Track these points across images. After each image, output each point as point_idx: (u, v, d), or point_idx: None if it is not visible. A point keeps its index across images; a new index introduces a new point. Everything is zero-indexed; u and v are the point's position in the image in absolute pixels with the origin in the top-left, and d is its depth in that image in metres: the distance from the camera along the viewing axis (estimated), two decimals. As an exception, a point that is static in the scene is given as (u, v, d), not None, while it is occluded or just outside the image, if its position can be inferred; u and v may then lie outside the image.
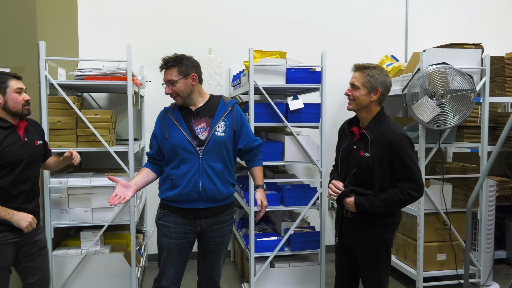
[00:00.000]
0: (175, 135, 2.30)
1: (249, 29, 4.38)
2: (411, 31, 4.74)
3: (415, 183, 2.18)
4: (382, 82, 2.24)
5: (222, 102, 2.41)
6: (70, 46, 3.85)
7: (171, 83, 2.30)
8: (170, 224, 2.34)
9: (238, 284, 3.76)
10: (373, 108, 2.28)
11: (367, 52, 4.58)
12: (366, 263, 2.33)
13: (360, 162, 2.25)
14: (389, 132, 2.20)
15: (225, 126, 2.34)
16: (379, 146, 2.19)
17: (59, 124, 3.00)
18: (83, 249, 3.12)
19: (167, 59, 2.32)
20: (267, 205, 2.47)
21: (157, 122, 2.42)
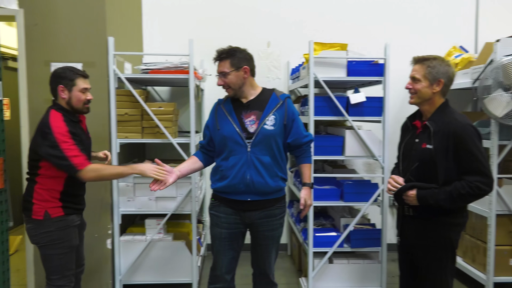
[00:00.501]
0: (226, 127, 2.34)
1: (308, 21, 4.31)
2: (482, 20, 4.44)
3: (484, 176, 2.05)
4: (444, 72, 2.15)
5: (274, 96, 2.40)
6: (135, 41, 4.01)
7: (223, 75, 2.33)
8: (221, 214, 2.39)
9: (295, 278, 3.75)
10: (436, 100, 2.19)
11: (433, 43, 4.35)
12: (428, 265, 2.22)
13: (422, 155, 2.15)
14: (453, 122, 2.10)
15: (275, 120, 2.33)
16: (443, 137, 2.09)
17: (126, 116, 3.13)
18: (147, 236, 3.25)
19: (221, 51, 2.36)
20: (311, 204, 2.48)
21: (210, 113, 2.49)
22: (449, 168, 2.10)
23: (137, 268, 3.22)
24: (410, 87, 2.22)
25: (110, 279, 3.16)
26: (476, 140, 2.08)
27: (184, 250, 3.24)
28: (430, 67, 2.15)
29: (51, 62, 3.02)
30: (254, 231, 2.44)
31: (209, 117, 2.48)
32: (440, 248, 2.18)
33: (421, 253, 2.23)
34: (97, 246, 3.13)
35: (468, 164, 2.06)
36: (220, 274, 2.43)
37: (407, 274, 2.39)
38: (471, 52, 4.28)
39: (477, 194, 2.06)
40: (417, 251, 2.25)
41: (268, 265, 2.48)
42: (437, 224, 2.17)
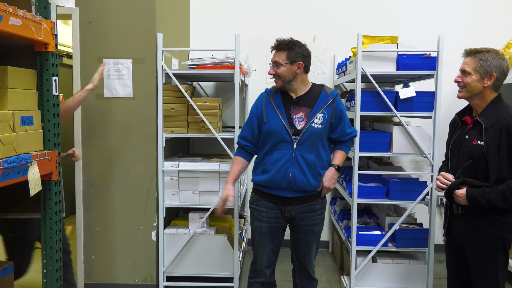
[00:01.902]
0: (273, 121, 2.32)
1: (354, 15, 4.20)
2: (546, 9, 4.13)
3: None
4: (497, 66, 2.05)
5: (324, 93, 2.37)
6: (182, 37, 4.08)
7: (277, 65, 2.33)
8: (261, 208, 2.40)
9: (337, 276, 3.69)
10: (488, 95, 2.10)
11: (489, 34, 4.11)
12: (479, 266, 2.12)
13: (473, 152, 2.07)
14: (506, 117, 2.01)
15: (323, 118, 2.32)
16: (495, 133, 2.01)
17: (172, 111, 3.19)
18: (190, 229, 3.31)
19: (280, 41, 2.35)
20: (329, 187, 2.38)
21: (257, 103, 2.44)
22: (502, 166, 2.00)
23: (180, 260, 3.29)
24: (459, 80, 2.15)
25: (154, 270, 3.26)
26: None
27: (226, 244, 3.28)
28: (482, 60, 2.07)
29: (104, 59, 3.13)
30: (294, 226, 2.43)
31: (256, 107, 2.43)
32: (491, 249, 2.08)
33: (472, 253, 2.15)
34: (143, 238, 3.23)
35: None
36: (260, 268, 2.43)
37: (455, 275, 2.31)
38: (533, 43, 3.99)
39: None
40: (467, 251, 2.17)
41: (308, 260, 2.47)
42: (489, 223, 2.07)
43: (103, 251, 3.25)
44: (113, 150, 3.20)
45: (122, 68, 3.15)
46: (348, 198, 3.36)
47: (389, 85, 3.91)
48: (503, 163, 2.00)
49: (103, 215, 3.23)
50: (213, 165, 3.23)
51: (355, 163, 3.10)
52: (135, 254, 3.24)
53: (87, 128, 3.19)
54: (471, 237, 2.13)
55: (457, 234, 2.21)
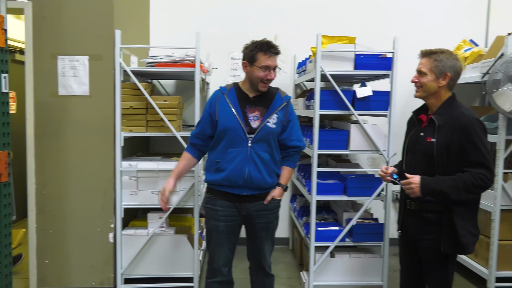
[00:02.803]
0: (229, 119, 2.32)
1: (315, 15, 4.27)
2: (494, 14, 4.37)
3: (487, 169, 2.04)
4: (451, 66, 2.13)
5: (279, 96, 2.44)
6: (142, 34, 4.00)
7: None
8: (218, 207, 2.40)
9: (297, 272, 3.75)
10: (443, 94, 2.18)
11: (442, 36, 4.31)
12: (430, 259, 2.22)
13: (426, 148, 2.15)
14: (459, 116, 2.09)
15: (277, 119, 2.38)
16: (448, 131, 2.09)
17: (131, 110, 3.12)
18: (149, 229, 3.26)
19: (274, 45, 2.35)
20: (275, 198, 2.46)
21: (211, 101, 2.42)
22: (451, 163, 2.10)
23: (139, 262, 3.23)
24: (416, 81, 2.22)
25: (112, 273, 3.18)
26: (482, 134, 2.07)
27: (186, 244, 3.25)
28: (437, 61, 2.14)
29: (58, 55, 3.02)
30: (250, 223, 2.45)
31: (209, 105, 2.42)
32: (438, 247, 2.16)
33: (423, 247, 2.23)
34: (100, 240, 3.15)
35: (472, 157, 2.05)
36: (218, 267, 2.44)
37: (408, 268, 2.40)
38: (481, 45, 4.22)
39: (480, 186, 2.04)
40: (419, 246, 2.25)
41: (263, 257, 2.50)
42: (440, 219, 2.15)
43: (57, 255, 3.14)
44: (69, 149, 3.10)
45: (78, 65, 3.05)
46: (307, 195, 3.42)
47: (348, 84, 4.01)
48: (452, 161, 2.09)
49: (57, 217, 3.12)
50: (173, 164, 3.18)
51: (314, 160, 3.15)
52: (91, 256, 3.16)
53: (40, 127, 3.07)
54: (423, 232, 2.21)
55: (410, 229, 2.29)
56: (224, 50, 4.20)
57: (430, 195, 2.09)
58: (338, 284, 3.31)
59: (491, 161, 2.07)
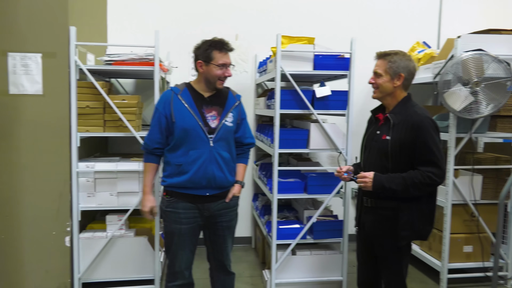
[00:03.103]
0: (187, 120, 2.29)
1: (276, 15, 4.31)
2: (445, 17, 4.58)
3: (437, 168, 2.12)
4: (404, 67, 2.20)
5: (231, 95, 2.47)
6: (99, 32, 3.88)
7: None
8: (179, 210, 2.36)
9: (259, 271, 3.78)
10: (398, 94, 2.25)
11: (398, 38, 4.46)
12: (385, 255, 2.30)
13: (381, 146, 2.22)
14: (413, 115, 2.17)
15: (233, 117, 2.42)
16: (402, 130, 2.16)
17: (87, 109, 3.03)
18: (108, 232, 3.18)
19: (228, 42, 2.37)
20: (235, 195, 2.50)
21: (164, 102, 2.35)
22: (404, 160, 2.16)
23: (97, 265, 3.15)
24: (373, 82, 2.29)
25: (69, 277, 3.07)
26: (434, 133, 2.14)
27: (147, 246, 3.19)
28: (391, 62, 2.21)
29: (8, 52, 2.88)
30: (212, 223, 2.44)
31: (163, 106, 2.34)
32: (396, 240, 2.23)
33: (379, 244, 2.31)
34: (55, 244, 3.03)
35: (424, 156, 2.12)
36: (179, 271, 2.40)
37: (365, 264, 2.47)
38: (434, 47, 4.40)
39: (429, 184, 2.11)
40: (375, 242, 2.33)
41: (225, 256, 2.51)
42: (394, 216, 2.21)
43: (9, 261, 2.99)
44: (21, 151, 2.96)
45: (30, 63, 2.92)
46: (268, 194, 3.45)
47: (308, 84, 4.07)
48: (405, 158, 2.16)
49: (9, 221, 2.97)
50: (132, 164, 3.13)
51: (275, 159, 3.18)
52: (46, 261, 3.04)
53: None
54: (378, 228, 2.28)
55: (367, 225, 2.36)
56: (185, 49, 4.14)
57: (380, 190, 2.16)
58: (300, 281, 3.35)
59: (442, 159, 2.14)
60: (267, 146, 3.55)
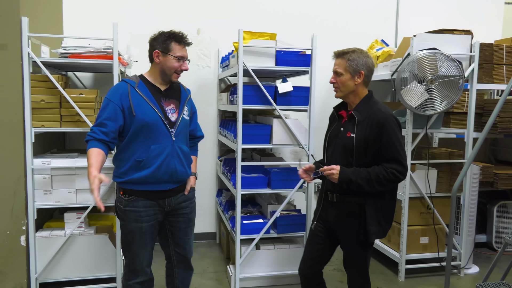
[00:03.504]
0: (148, 113, 2.21)
1: (239, 10, 4.30)
2: (402, 16, 4.72)
3: (400, 165, 2.16)
4: (363, 64, 2.24)
5: (182, 88, 2.47)
6: (54, 23, 3.74)
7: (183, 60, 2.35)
8: (140, 208, 2.27)
9: (223, 266, 3.78)
10: (360, 91, 2.28)
11: (357, 36, 4.56)
12: (351, 251, 2.33)
13: (346, 143, 2.24)
14: (377, 112, 2.20)
15: (188, 111, 2.42)
16: (366, 127, 2.19)
17: (42, 103, 2.92)
18: (67, 230, 3.08)
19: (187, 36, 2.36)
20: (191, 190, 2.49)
21: (121, 94, 2.21)
22: (368, 156, 2.20)
23: (55, 265, 3.05)
24: (334, 81, 2.30)
25: (25, 278, 2.96)
26: (397, 130, 2.19)
27: (107, 243, 3.12)
28: (350, 60, 2.23)
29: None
30: (173, 216, 2.40)
31: (119, 98, 2.20)
32: (362, 235, 2.25)
33: (344, 239, 2.34)
34: (10, 244, 2.91)
35: (387, 152, 2.16)
36: (141, 268, 2.35)
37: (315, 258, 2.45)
38: (392, 45, 4.54)
39: (392, 180, 2.16)
40: (340, 237, 2.36)
41: (188, 249, 2.50)
42: (359, 211, 2.24)
43: (-41, 263, 2.85)
44: (-30, 147, 2.82)
45: (-21, 55, 2.77)
46: (232, 189, 3.45)
47: (271, 80, 4.10)
48: (369, 155, 2.19)
49: (-42, 221, 2.83)
50: (91, 161, 3.04)
51: (238, 155, 3.19)
52: (0, 262, 2.91)
53: None
54: (345, 223, 2.29)
55: (331, 220, 2.36)
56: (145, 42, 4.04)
57: (346, 183, 2.18)
58: (264, 275, 3.39)
59: (404, 156, 2.20)
60: (230, 142, 3.55)
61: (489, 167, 3.92)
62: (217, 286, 3.40)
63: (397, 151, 2.16)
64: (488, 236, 4.29)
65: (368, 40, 4.38)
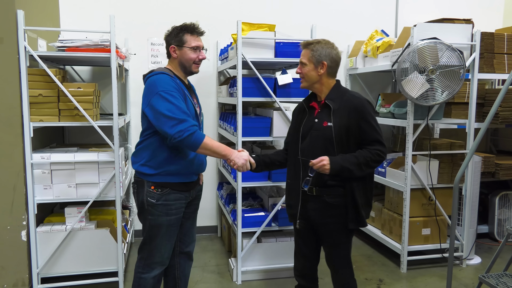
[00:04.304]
0: (190, 107, 2.25)
1: (237, 1, 4.26)
2: (402, 6, 4.68)
3: (381, 145, 2.21)
4: (326, 54, 2.22)
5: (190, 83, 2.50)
6: (50, 16, 3.70)
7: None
8: (171, 201, 2.28)
9: (225, 259, 3.78)
10: (326, 82, 2.26)
11: (357, 26, 4.53)
12: (334, 243, 2.31)
13: (324, 133, 2.21)
14: (351, 99, 2.22)
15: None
16: (343, 114, 2.19)
17: (40, 98, 2.89)
18: (67, 225, 3.07)
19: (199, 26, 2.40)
20: None
21: (176, 87, 2.18)
22: (350, 143, 2.20)
23: (57, 259, 3.04)
24: (300, 72, 2.29)
25: (26, 273, 2.96)
26: (373, 113, 2.24)
27: (109, 237, 3.11)
28: (313, 51, 2.22)
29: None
30: (190, 207, 2.46)
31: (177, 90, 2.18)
32: (344, 226, 2.25)
33: (326, 232, 2.30)
34: (10, 239, 2.90)
35: (369, 135, 2.19)
36: (161, 260, 2.36)
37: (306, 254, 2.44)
38: (392, 36, 4.50)
39: (377, 160, 2.19)
40: (322, 231, 2.32)
41: (192, 238, 2.57)
42: (341, 202, 2.23)
43: (-40, 259, 2.85)
44: (-32, 142, 2.80)
45: (-26, 49, 2.75)
46: (233, 182, 3.44)
47: (270, 71, 4.06)
48: (350, 142, 2.19)
49: (-42, 217, 2.82)
50: (90, 155, 3.03)
51: (238, 148, 3.17)
52: (1, 257, 2.90)
53: None
54: (327, 216, 2.25)
55: (312, 215, 2.30)
56: (143, 35, 4.04)
57: (338, 171, 2.14)
58: (265, 268, 3.38)
59: (382, 136, 2.24)
60: (230, 135, 3.53)
61: (490, 158, 3.90)
62: (219, 279, 3.40)
63: (377, 133, 2.21)
64: (490, 226, 4.28)
65: (368, 30, 4.35)
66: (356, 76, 4.55)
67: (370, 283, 3.34)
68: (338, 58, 2.27)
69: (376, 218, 4.07)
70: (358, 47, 4.29)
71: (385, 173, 3.77)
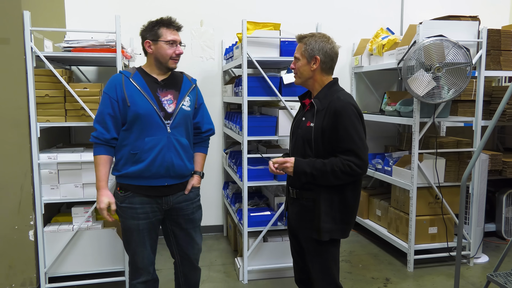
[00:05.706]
0: (141, 104, 2.13)
1: (242, 1, 4.25)
2: (407, 3, 4.65)
3: (357, 157, 1.96)
4: (319, 49, 2.05)
5: (185, 78, 2.34)
6: (56, 17, 3.72)
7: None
8: (136, 205, 2.20)
9: (231, 259, 3.78)
10: (319, 78, 2.10)
11: (363, 24, 4.51)
12: (312, 248, 2.12)
13: (305, 133, 2.07)
14: (335, 100, 2.01)
15: (190, 101, 2.29)
16: (324, 115, 2.01)
17: (46, 98, 2.91)
18: (74, 225, 3.09)
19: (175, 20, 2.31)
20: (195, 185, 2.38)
21: (116, 86, 2.16)
22: (325, 148, 2.03)
23: (64, 259, 3.06)
24: (293, 67, 2.15)
25: (34, 272, 2.98)
26: (356, 120, 1.99)
27: (115, 237, 3.12)
28: (306, 44, 2.07)
29: (-44, 38, 2.71)
30: (173, 216, 2.31)
31: (114, 90, 2.15)
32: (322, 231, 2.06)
33: (304, 236, 2.15)
34: (18, 239, 2.93)
35: (344, 144, 1.97)
36: (143, 267, 2.28)
37: (295, 257, 2.34)
38: (397, 33, 4.48)
39: (349, 173, 1.96)
40: (300, 235, 2.18)
41: (191, 249, 2.38)
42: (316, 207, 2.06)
43: (-31, 258, 2.87)
44: (-24, 143, 2.82)
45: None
46: (239, 181, 3.44)
47: (275, 70, 4.06)
48: (326, 145, 2.02)
49: (-33, 217, 2.84)
50: (97, 155, 3.03)
51: (244, 147, 3.17)
52: (9, 257, 2.93)
53: None
54: (301, 220, 2.13)
55: (291, 217, 2.23)
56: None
57: (302, 175, 2.02)
58: (272, 267, 3.38)
59: (364, 149, 1.99)
60: (236, 134, 3.53)
61: (497, 155, 3.87)
62: (225, 279, 3.40)
63: (354, 143, 1.96)
64: (497, 225, 4.25)
65: (373, 28, 4.33)
66: (361, 74, 4.54)
67: (376, 282, 3.33)
68: (333, 53, 2.08)
69: (382, 216, 4.06)
70: (363, 45, 4.28)
71: (391, 172, 3.76)
